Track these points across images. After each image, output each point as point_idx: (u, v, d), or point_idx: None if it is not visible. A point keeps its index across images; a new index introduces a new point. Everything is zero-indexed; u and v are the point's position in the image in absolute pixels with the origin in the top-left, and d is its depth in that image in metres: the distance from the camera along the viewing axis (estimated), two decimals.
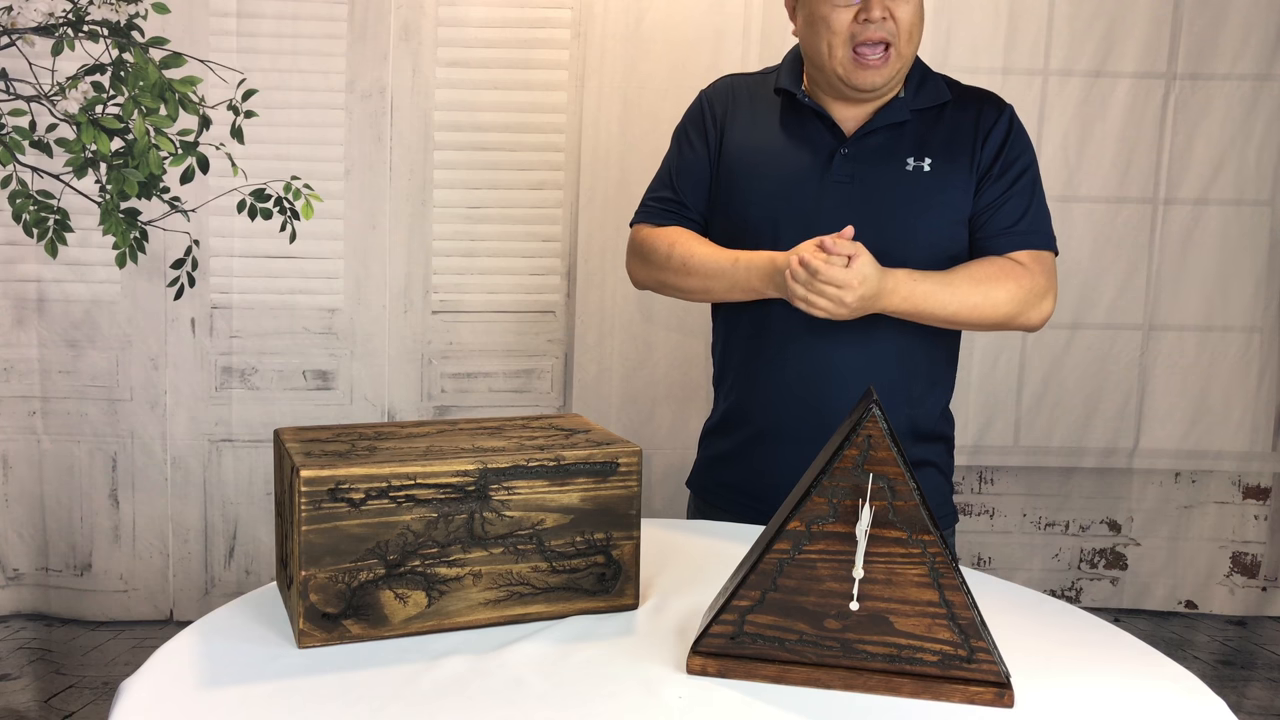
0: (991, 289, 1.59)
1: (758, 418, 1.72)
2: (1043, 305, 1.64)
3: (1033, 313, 1.63)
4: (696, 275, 1.68)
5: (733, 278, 1.64)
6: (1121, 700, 1.08)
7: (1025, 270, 1.62)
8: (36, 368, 2.58)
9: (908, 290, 1.55)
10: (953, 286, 1.58)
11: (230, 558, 2.69)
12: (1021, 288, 1.61)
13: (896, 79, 1.63)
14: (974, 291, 1.58)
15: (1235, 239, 2.77)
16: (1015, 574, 2.80)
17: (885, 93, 1.65)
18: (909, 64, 1.64)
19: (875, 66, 1.59)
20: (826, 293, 1.49)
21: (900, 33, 1.58)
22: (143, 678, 1.07)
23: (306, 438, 1.25)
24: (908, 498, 1.05)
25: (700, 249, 1.69)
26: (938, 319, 1.59)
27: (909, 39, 1.60)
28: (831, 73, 1.62)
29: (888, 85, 1.62)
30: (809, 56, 1.67)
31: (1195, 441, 2.84)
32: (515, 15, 2.59)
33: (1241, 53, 2.71)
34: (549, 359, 2.73)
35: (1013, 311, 1.61)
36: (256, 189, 2.56)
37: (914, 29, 1.60)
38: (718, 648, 1.10)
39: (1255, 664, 2.76)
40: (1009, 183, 1.65)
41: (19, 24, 2.42)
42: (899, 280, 1.54)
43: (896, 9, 1.57)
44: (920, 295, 1.56)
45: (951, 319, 1.60)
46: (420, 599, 1.17)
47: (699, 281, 1.68)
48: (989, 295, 1.59)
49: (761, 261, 1.60)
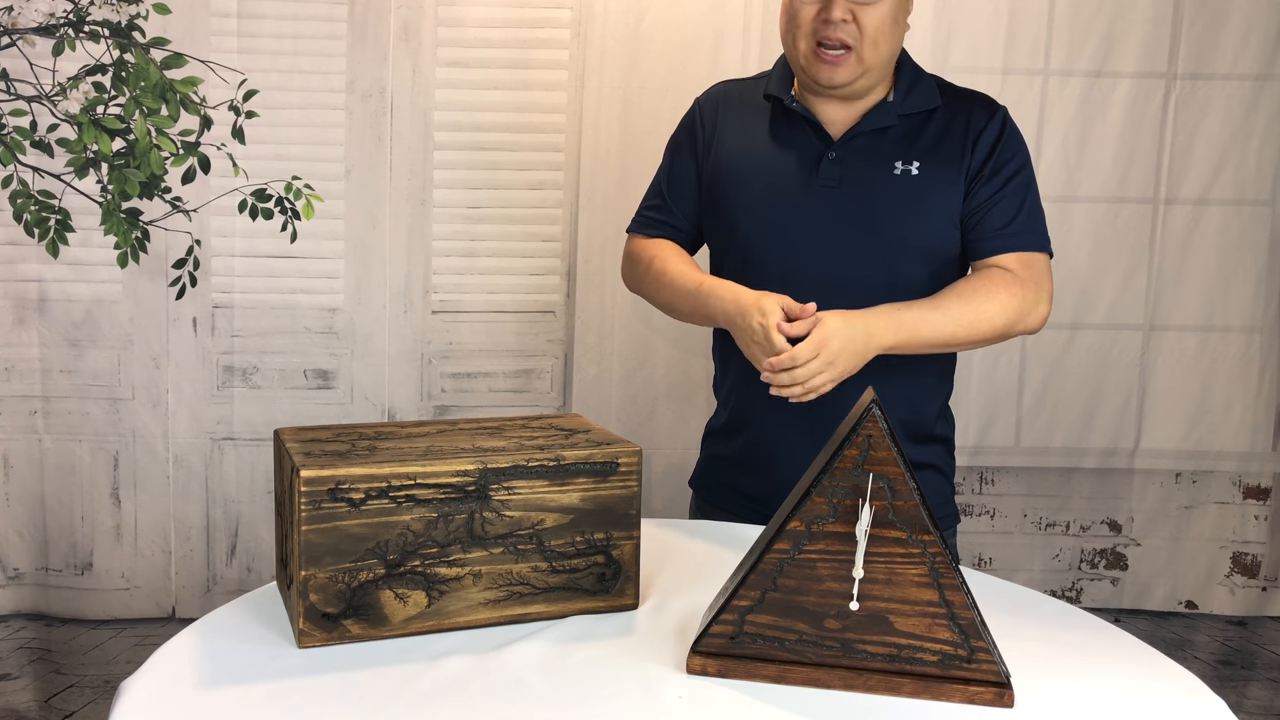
0: (982, 303, 1.57)
1: (757, 420, 1.72)
2: (1038, 309, 1.63)
3: (1029, 318, 1.62)
4: (666, 291, 1.71)
5: (694, 303, 1.65)
6: (1121, 700, 1.09)
7: (1014, 277, 1.60)
8: (38, 367, 2.58)
9: (895, 321, 1.53)
10: (942, 309, 1.56)
11: (232, 555, 2.69)
12: (1014, 296, 1.59)
13: (865, 81, 1.62)
14: (965, 309, 1.57)
15: (1236, 239, 2.77)
16: (1016, 574, 2.80)
17: (861, 92, 1.64)
18: (877, 70, 1.62)
19: (832, 63, 1.58)
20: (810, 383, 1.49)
21: (864, 38, 1.56)
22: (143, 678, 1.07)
23: (306, 438, 1.25)
24: (908, 498, 1.06)
25: (672, 267, 1.70)
26: (936, 344, 1.58)
27: (874, 45, 1.57)
28: (795, 65, 1.64)
29: (851, 85, 1.61)
30: (784, 48, 1.68)
31: (1196, 442, 2.83)
32: (515, 15, 2.59)
33: (1242, 53, 2.71)
34: (549, 359, 2.73)
35: (1009, 321, 1.60)
36: (257, 189, 2.56)
37: (880, 35, 1.57)
38: (718, 648, 1.10)
39: (1255, 664, 2.76)
40: (1000, 184, 1.63)
41: (19, 24, 2.42)
42: (882, 315, 1.53)
43: (861, 13, 1.56)
44: (910, 323, 1.54)
45: (949, 341, 1.58)
46: (420, 599, 1.17)
47: (668, 298, 1.71)
48: (980, 310, 1.57)
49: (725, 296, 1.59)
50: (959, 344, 1.60)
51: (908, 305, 1.55)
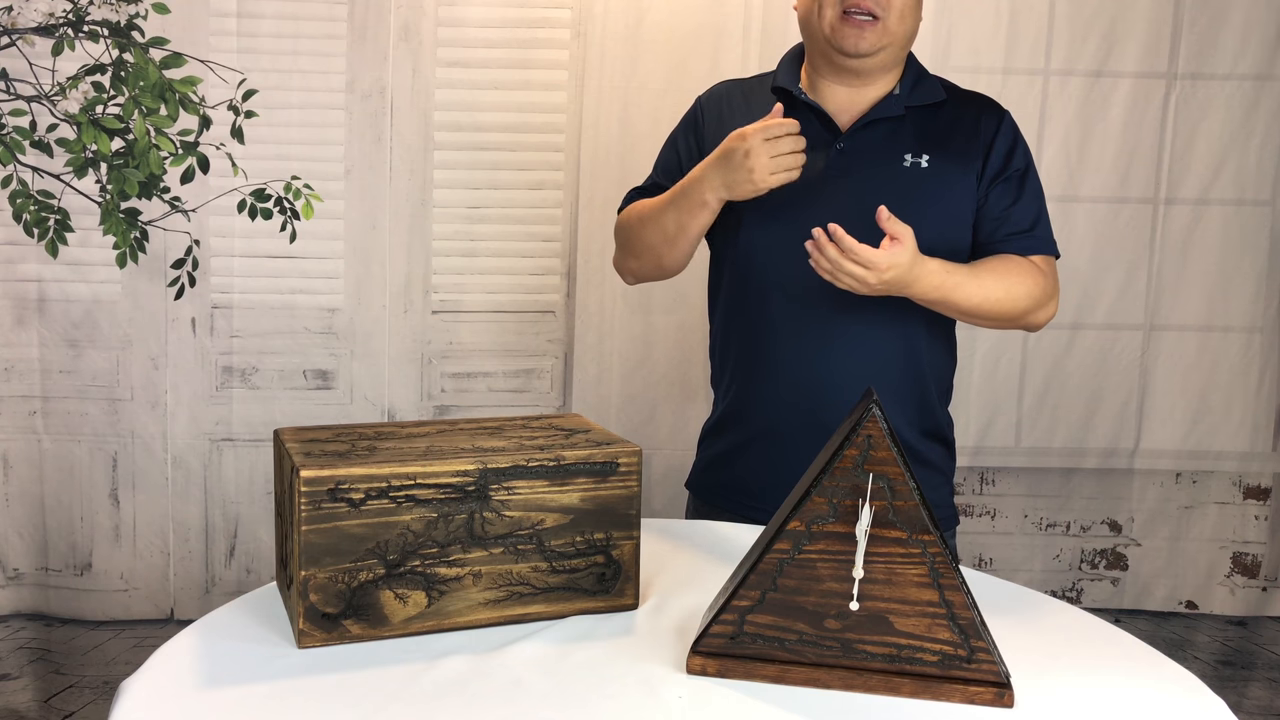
0: (1013, 285, 1.60)
1: (756, 418, 1.71)
2: (1050, 306, 1.66)
3: (1042, 313, 1.65)
4: (650, 222, 1.69)
5: (679, 202, 1.63)
6: (1121, 700, 1.08)
7: (1040, 271, 1.64)
8: (37, 367, 2.58)
9: (939, 280, 1.54)
10: (980, 280, 1.58)
11: (231, 556, 2.69)
12: (1038, 286, 1.62)
13: (885, 55, 1.63)
14: (998, 286, 1.59)
15: (1236, 239, 2.77)
16: (1016, 575, 2.80)
17: (876, 74, 1.65)
18: (900, 44, 1.64)
19: (858, 27, 1.60)
20: (854, 272, 1.48)
21: (892, 9, 1.60)
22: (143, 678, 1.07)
23: (306, 438, 1.25)
24: (908, 498, 1.05)
25: (650, 200, 1.70)
26: (960, 310, 1.59)
27: (900, 17, 1.61)
28: (820, 36, 1.64)
29: (874, 54, 1.62)
30: (804, 26, 1.68)
31: (1196, 442, 2.83)
32: (515, 15, 2.59)
33: (1242, 53, 2.71)
34: (549, 359, 2.73)
35: (1028, 308, 1.62)
36: (257, 189, 2.56)
37: (907, 9, 1.61)
38: (718, 648, 1.10)
39: (1255, 664, 2.76)
40: (1018, 186, 1.66)
41: (19, 24, 2.42)
42: (932, 270, 1.54)
43: None
44: (950, 286, 1.55)
45: (974, 311, 1.59)
46: (420, 599, 1.17)
47: (654, 228, 1.68)
48: (1011, 291, 1.60)
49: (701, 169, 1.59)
50: (982, 317, 1.61)
51: (955, 269, 1.57)
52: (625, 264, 1.82)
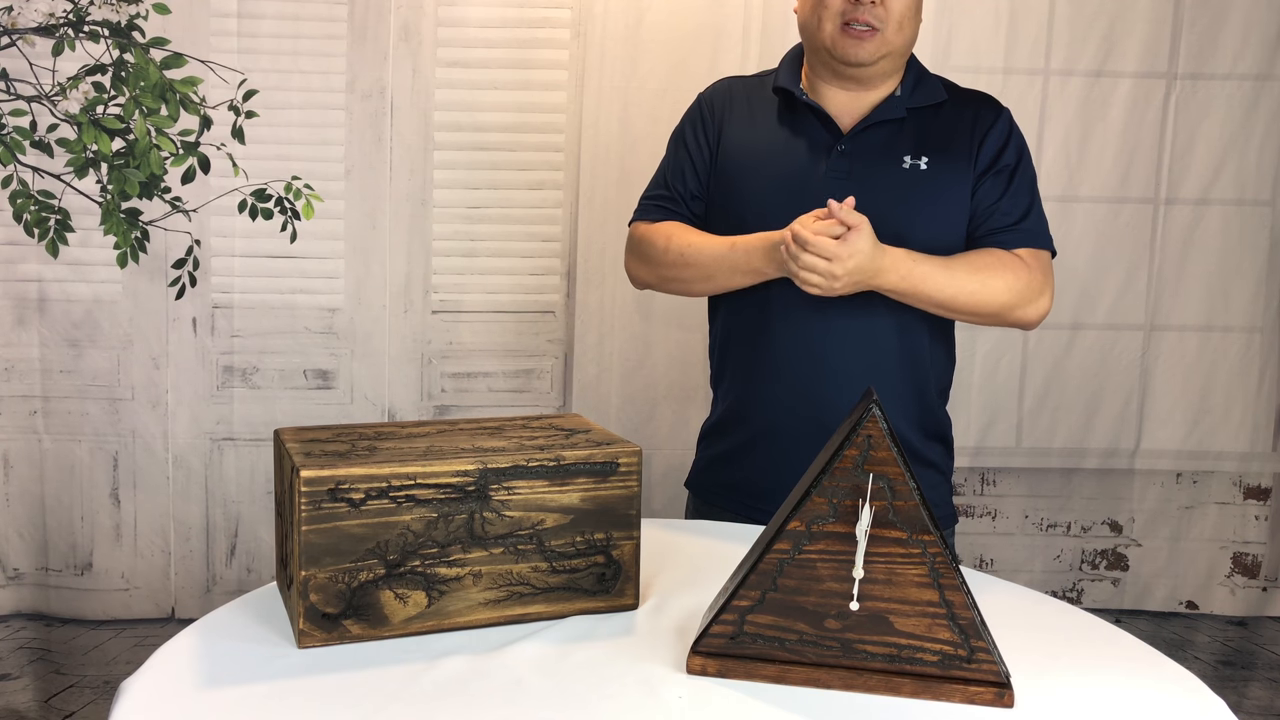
0: (990, 278, 1.59)
1: (756, 418, 1.72)
2: (1040, 302, 1.65)
3: (1030, 308, 1.64)
4: (695, 265, 1.68)
5: (732, 261, 1.64)
6: (1122, 700, 1.08)
7: (1024, 264, 1.63)
8: (37, 367, 2.58)
9: (906, 269, 1.55)
10: (951, 271, 1.58)
11: (232, 556, 2.69)
12: (1020, 280, 1.61)
13: (885, 64, 1.64)
14: (972, 278, 1.58)
15: (1236, 239, 2.77)
16: (1017, 575, 2.80)
17: (876, 80, 1.66)
18: (899, 53, 1.65)
19: (858, 38, 1.60)
20: (816, 266, 1.49)
21: (890, 20, 1.61)
22: (143, 678, 1.07)
23: (306, 438, 1.25)
24: (908, 498, 1.05)
25: (697, 239, 1.69)
26: (934, 303, 1.59)
27: (899, 28, 1.62)
28: (821, 46, 1.64)
29: (874, 63, 1.63)
30: (804, 33, 1.69)
31: (1196, 442, 2.83)
32: (515, 15, 2.59)
33: (1242, 52, 2.71)
34: (549, 359, 2.73)
35: (1010, 303, 1.61)
36: (257, 189, 2.56)
37: (905, 19, 1.62)
38: (718, 648, 1.10)
39: (1256, 664, 2.76)
40: (1008, 180, 1.66)
41: (19, 24, 2.42)
42: (897, 259, 1.54)
43: None
44: (918, 276, 1.55)
45: (948, 304, 1.59)
46: (420, 599, 1.17)
47: (698, 271, 1.68)
48: (986, 283, 1.59)
49: (759, 240, 1.60)
50: (958, 310, 1.61)
51: (923, 259, 1.57)
52: (641, 277, 1.81)
